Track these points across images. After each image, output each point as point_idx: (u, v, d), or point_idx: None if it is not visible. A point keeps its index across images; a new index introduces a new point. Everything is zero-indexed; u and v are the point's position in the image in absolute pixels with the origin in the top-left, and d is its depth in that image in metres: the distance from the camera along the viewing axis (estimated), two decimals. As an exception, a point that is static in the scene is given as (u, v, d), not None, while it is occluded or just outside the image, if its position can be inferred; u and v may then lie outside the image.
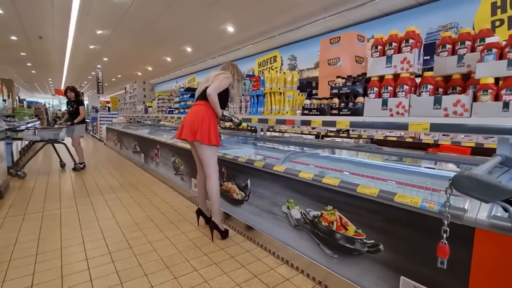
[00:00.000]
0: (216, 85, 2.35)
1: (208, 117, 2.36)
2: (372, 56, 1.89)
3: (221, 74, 2.44)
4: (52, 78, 17.47)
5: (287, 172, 2.02)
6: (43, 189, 3.89)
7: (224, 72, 2.48)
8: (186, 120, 2.41)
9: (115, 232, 2.53)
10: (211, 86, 2.34)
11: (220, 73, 2.46)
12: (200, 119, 2.33)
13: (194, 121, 2.34)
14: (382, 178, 2.19)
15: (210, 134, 2.33)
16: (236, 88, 2.56)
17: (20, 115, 9.59)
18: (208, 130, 2.33)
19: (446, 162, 2.22)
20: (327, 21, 6.13)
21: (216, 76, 2.43)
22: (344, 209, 1.64)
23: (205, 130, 2.32)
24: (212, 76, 2.45)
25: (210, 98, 2.33)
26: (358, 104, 1.97)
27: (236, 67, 2.60)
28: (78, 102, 5.34)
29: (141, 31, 7.39)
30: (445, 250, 1.06)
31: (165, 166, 4.32)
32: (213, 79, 2.42)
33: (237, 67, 2.61)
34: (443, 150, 4.50)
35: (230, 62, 2.65)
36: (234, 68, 2.57)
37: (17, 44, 8.81)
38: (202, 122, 2.32)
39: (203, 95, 2.43)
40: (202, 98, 2.43)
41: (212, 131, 2.35)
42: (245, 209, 2.49)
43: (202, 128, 2.31)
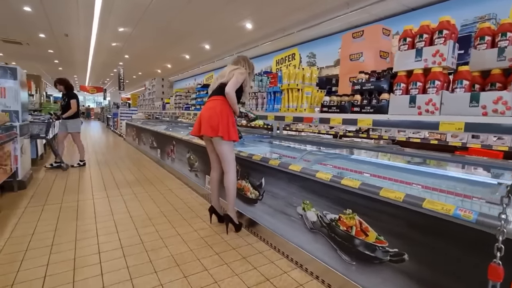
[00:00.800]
0: (233, 83, 2.32)
1: (226, 112, 2.32)
2: (399, 49, 1.75)
3: (236, 70, 2.39)
4: (77, 75, 18.21)
5: (303, 172, 1.92)
6: (63, 181, 4.01)
7: (238, 67, 2.43)
8: (203, 115, 2.37)
9: (129, 226, 2.53)
10: (229, 84, 2.30)
11: (235, 69, 2.40)
12: (219, 114, 2.29)
13: (213, 116, 2.29)
14: (406, 182, 2.04)
15: (230, 130, 2.30)
16: (248, 82, 2.51)
17: (47, 110, 10.06)
18: (227, 125, 2.29)
19: (477, 166, 2.04)
20: (348, 17, 5.92)
21: (231, 72, 2.38)
22: (364, 214, 1.52)
23: (225, 125, 2.28)
24: (227, 72, 2.40)
25: (229, 96, 2.31)
26: (382, 101, 1.84)
27: (247, 60, 2.55)
28: (70, 95, 4.89)
29: (161, 28, 7.49)
30: (499, 272, 0.89)
31: (180, 162, 4.33)
32: (228, 75, 2.38)
33: (248, 60, 2.56)
34: (472, 154, 4.20)
35: (242, 56, 2.59)
36: (246, 62, 2.52)
37: (45, 41, 9.21)
38: (222, 117, 2.29)
39: (218, 91, 2.40)
40: (218, 93, 2.40)
41: (231, 126, 2.31)
42: (259, 209, 2.41)
43: (222, 124, 2.28)
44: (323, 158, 2.43)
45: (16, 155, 3.41)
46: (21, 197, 3.24)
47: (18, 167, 3.45)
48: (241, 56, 2.59)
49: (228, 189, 2.41)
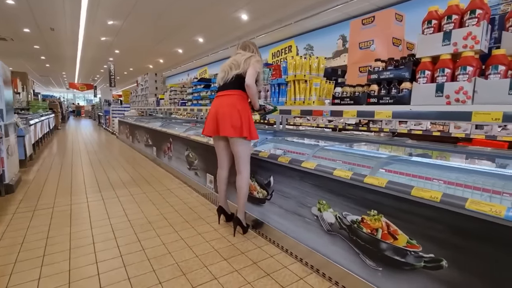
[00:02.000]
0: (253, 73, 2.08)
1: (247, 109, 2.15)
2: (423, 33, 1.59)
3: (251, 58, 2.15)
4: (66, 71, 17.64)
5: (318, 170, 1.76)
6: (55, 183, 3.79)
7: (252, 54, 2.21)
8: (221, 113, 2.13)
9: (127, 232, 2.35)
10: (249, 76, 2.07)
11: (249, 57, 2.17)
12: (241, 112, 2.09)
13: (234, 115, 2.08)
14: (425, 177, 1.91)
15: (251, 129, 2.14)
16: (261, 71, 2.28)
17: (35, 108, 9.66)
18: (249, 124, 2.12)
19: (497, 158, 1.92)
20: (346, 7, 5.75)
21: (246, 61, 2.14)
22: (392, 215, 1.38)
23: (248, 124, 2.10)
24: (242, 61, 2.15)
25: (250, 89, 2.09)
26: (403, 91, 1.68)
27: (254, 44, 2.33)
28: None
29: (152, 21, 7.19)
30: None
31: (178, 160, 4.14)
32: (244, 64, 2.13)
33: (255, 44, 2.34)
34: (476, 145, 4.12)
35: (249, 40, 2.37)
36: (256, 48, 2.31)
37: (30, 36, 8.79)
38: (244, 115, 2.10)
39: (234, 84, 2.16)
40: (234, 87, 2.16)
41: (252, 125, 2.15)
42: (267, 209, 2.26)
43: (245, 123, 2.09)
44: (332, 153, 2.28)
45: (1, 157, 3.17)
46: (8, 202, 3.02)
47: (4, 170, 3.21)
48: (249, 41, 2.36)
49: (240, 191, 2.23)
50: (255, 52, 2.27)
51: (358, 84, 2.06)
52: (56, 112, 12.75)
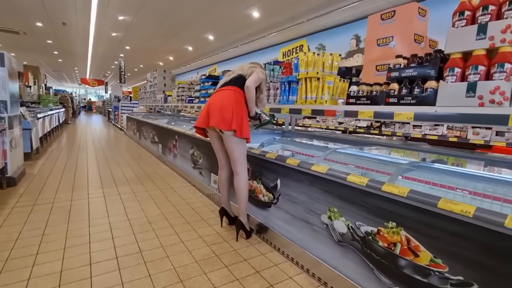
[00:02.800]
0: (255, 78, 2.07)
1: (241, 105, 2.05)
2: (454, 25, 1.43)
3: (257, 67, 2.19)
4: (78, 67, 17.88)
5: (330, 174, 1.62)
6: (58, 177, 3.74)
7: (257, 66, 2.24)
8: (213, 103, 2.05)
9: (126, 232, 2.25)
10: (251, 78, 2.06)
11: (255, 66, 2.21)
12: (234, 104, 1.99)
13: (227, 106, 1.98)
14: (447, 186, 1.74)
15: (243, 125, 2.01)
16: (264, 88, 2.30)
17: (45, 102, 9.78)
18: (241, 119, 2.00)
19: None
20: (362, 5, 5.56)
21: (251, 68, 2.16)
22: (414, 229, 1.22)
23: (239, 118, 1.99)
24: (247, 67, 2.18)
25: (249, 91, 2.05)
26: (428, 90, 1.52)
27: (261, 65, 2.37)
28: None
29: (162, 17, 7.14)
30: None
31: (183, 158, 4.04)
32: (248, 69, 2.15)
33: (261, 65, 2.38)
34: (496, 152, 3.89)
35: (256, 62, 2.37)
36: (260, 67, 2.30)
37: (42, 31, 8.88)
38: (237, 108, 1.99)
39: (235, 81, 2.12)
40: (234, 83, 2.11)
41: (245, 122, 2.03)
42: (273, 214, 2.12)
43: (237, 116, 1.98)
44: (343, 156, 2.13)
45: (4, 149, 3.13)
46: (9, 195, 2.97)
47: (7, 162, 3.17)
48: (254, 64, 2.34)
49: (239, 192, 2.12)
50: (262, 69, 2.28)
51: (376, 82, 1.90)
52: (67, 107, 12.91)
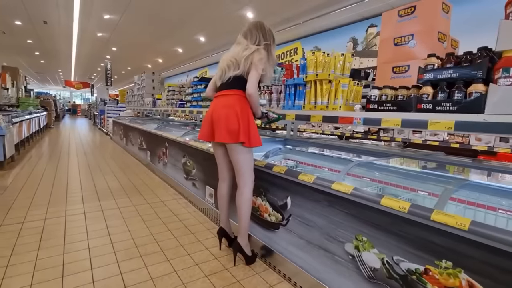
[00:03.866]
0: (254, 80, 1.72)
1: (247, 111, 1.76)
2: (509, 17, 1.19)
3: (253, 55, 1.73)
4: (62, 69, 17.17)
5: (357, 196, 1.34)
6: (33, 190, 3.33)
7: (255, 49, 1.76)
8: (216, 115, 1.77)
9: (108, 260, 1.91)
10: (250, 83, 1.70)
11: (252, 52, 1.74)
12: (239, 114, 1.71)
13: (231, 117, 1.71)
14: (488, 206, 1.50)
15: (251, 133, 1.74)
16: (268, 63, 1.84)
17: (25, 105, 9.18)
18: (248, 127, 1.73)
19: None
20: (360, 7, 5.40)
21: (247, 59, 1.74)
22: (480, 273, 0.96)
23: (246, 128, 1.72)
24: (242, 60, 1.74)
25: (252, 99, 1.75)
26: (473, 95, 1.28)
27: (262, 28, 1.84)
28: None
29: (151, 17, 6.79)
30: None
31: (174, 168, 3.70)
32: (243, 64, 1.74)
33: (263, 28, 1.85)
34: (502, 159, 3.75)
35: (254, 23, 1.86)
36: (261, 32, 1.82)
37: (22, 29, 8.35)
38: (242, 118, 1.72)
39: (233, 83, 1.79)
40: (233, 86, 1.79)
41: (252, 129, 1.75)
42: (282, 237, 1.83)
43: (244, 126, 1.71)
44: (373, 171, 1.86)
45: (-33, 161, 2.71)
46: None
47: (-30, 176, 2.76)
48: (255, 23, 1.85)
49: (240, 210, 1.83)
50: (261, 41, 1.81)
51: (403, 86, 1.65)
52: (49, 110, 12.25)
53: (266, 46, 1.83)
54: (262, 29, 1.84)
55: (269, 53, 1.85)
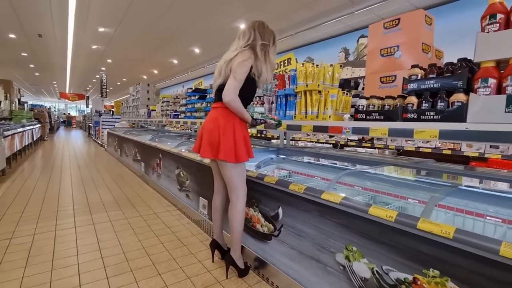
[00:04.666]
0: (231, 86, 1.62)
1: (231, 124, 1.71)
2: (485, 30, 1.24)
3: (235, 59, 1.65)
4: (57, 81, 17.17)
5: (345, 205, 1.35)
6: (23, 204, 3.27)
7: (240, 50, 1.66)
8: (204, 129, 1.78)
9: (97, 275, 1.87)
10: (226, 90, 1.62)
11: (234, 56, 1.67)
12: (222, 128, 1.69)
13: (213, 131, 1.70)
14: (476, 213, 1.52)
15: (237, 148, 1.70)
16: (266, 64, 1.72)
17: (18, 118, 9.11)
18: (233, 142, 1.69)
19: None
20: (349, 19, 5.54)
21: (228, 65, 1.67)
22: (467, 281, 0.96)
23: (229, 143, 1.68)
24: (224, 66, 1.69)
25: (230, 106, 1.66)
26: (455, 104, 1.31)
27: (259, 28, 1.72)
28: None
29: (146, 29, 6.88)
30: None
31: (168, 179, 3.68)
32: (224, 70, 1.69)
33: (260, 27, 1.73)
34: (492, 165, 3.80)
35: (252, 22, 1.76)
36: (255, 32, 1.69)
37: (16, 43, 8.38)
38: (225, 132, 1.69)
39: (217, 95, 1.77)
40: (217, 98, 1.78)
41: (239, 143, 1.71)
42: (274, 248, 1.82)
43: (224, 142, 1.68)
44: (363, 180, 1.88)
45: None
46: (-42, 230, 2.50)
47: (-42, 191, 2.71)
48: (251, 22, 1.75)
49: (232, 223, 1.82)
50: (257, 40, 1.68)
51: (389, 96, 1.69)
52: (43, 122, 12.17)
53: (263, 47, 1.70)
54: (259, 28, 1.72)
55: (266, 54, 1.72)
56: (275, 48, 1.80)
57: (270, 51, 1.75)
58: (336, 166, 2.39)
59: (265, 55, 1.72)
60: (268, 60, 1.74)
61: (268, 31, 1.76)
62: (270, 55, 1.75)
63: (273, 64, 1.79)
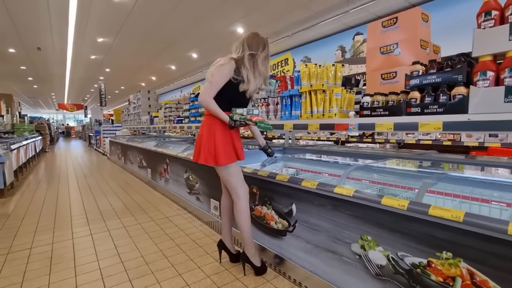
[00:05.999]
0: (205, 87, 1.73)
1: (212, 130, 1.81)
2: (481, 26, 1.32)
3: (216, 63, 1.74)
4: (55, 92, 17.22)
5: (358, 197, 1.43)
6: (36, 215, 3.33)
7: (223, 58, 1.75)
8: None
9: (120, 279, 1.94)
10: (201, 91, 1.78)
11: (215, 63, 1.76)
12: (205, 133, 1.85)
13: (199, 136, 1.90)
14: (482, 199, 1.59)
15: (217, 151, 1.79)
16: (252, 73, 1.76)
17: (20, 131, 9.16)
18: (213, 146, 1.80)
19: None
20: (344, 17, 5.63)
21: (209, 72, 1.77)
22: (478, 260, 1.04)
23: (208, 148, 1.81)
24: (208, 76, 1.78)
25: (204, 107, 1.77)
26: (457, 97, 1.39)
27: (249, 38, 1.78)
28: None
29: (144, 38, 6.96)
30: None
31: (176, 183, 3.75)
32: (207, 76, 1.78)
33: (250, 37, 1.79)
34: (492, 154, 3.88)
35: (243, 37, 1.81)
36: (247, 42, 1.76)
37: (16, 57, 8.45)
38: (206, 137, 1.83)
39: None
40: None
41: (219, 147, 1.79)
42: (290, 243, 1.89)
43: (204, 146, 1.83)
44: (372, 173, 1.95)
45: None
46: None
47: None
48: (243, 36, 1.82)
49: (239, 220, 1.90)
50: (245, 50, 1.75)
51: (392, 91, 1.77)
52: (44, 134, 12.22)
53: (251, 57, 1.76)
54: (248, 40, 1.78)
55: (255, 63, 1.78)
56: (265, 54, 1.84)
57: (259, 59, 1.79)
58: (342, 162, 2.47)
59: (253, 64, 1.78)
60: (256, 69, 1.79)
61: (257, 40, 1.81)
62: (258, 63, 1.79)
63: (263, 72, 1.83)
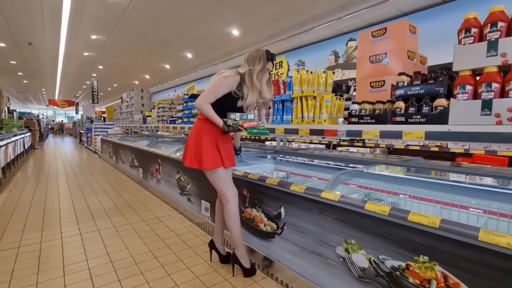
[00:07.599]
0: (204, 92, 1.81)
1: (201, 134, 1.87)
2: (461, 42, 1.40)
3: (221, 74, 1.84)
4: (45, 88, 16.90)
5: (343, 202, 1.48)
6: (24, 213, 3.30)
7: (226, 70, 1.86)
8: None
9: (109, 279, 1.95)
10: (201, 95, 1.84)
11: (221, 73, 1.85)
12: (193, 137, 1.91)
13: (187, 139, 1.96)
14: (460, 205, 1.67)
15: (202, 155, 1.85)
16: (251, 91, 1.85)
17: (8, 127, 8.99)
18: (199, 151, 1.86)
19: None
20: (339, 23, 5.73)
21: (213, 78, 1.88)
22: (452, 264, 1.10)
23: (194, 151, 1.88)
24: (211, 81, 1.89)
25: (199, 110, 1.83)
26: (438, 109, 1.46)
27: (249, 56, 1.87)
28: None
29: (138, 36, 6.92)
30: None
31: (168, 184, 3.76)
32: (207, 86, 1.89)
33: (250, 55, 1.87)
34: (477, 161, 4.02)
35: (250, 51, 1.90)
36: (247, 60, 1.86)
37: (5, 51, 8.29)
38: (193, 140, 1.89)
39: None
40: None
41: (206, 151, 1.84)
42: (278, 245, 1.94)
43: (191, 149, 1.89)
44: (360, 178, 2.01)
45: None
46: (-36, 242, 2.53)
47: (-39, 202, 2.73)
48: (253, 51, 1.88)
49: (228, 222, 1.95)
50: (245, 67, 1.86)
51: (379, 100, 1.84)
52: (33, 130, 12.00)
53: (249, 72, 1.85)
54: (249, 58, 1.87)
55: (252, 78, 1.84)
56: (261, 67, 1.84)
57: (254, 73, 1.83)
58: (331, 166, 2.54)
59: (251, 80, 1.84)
60: (252, 84, 1.84)
61: (255, 54, 1.86)
62: (253, 77, 1.83)
63: (256, 85, 1.84)
